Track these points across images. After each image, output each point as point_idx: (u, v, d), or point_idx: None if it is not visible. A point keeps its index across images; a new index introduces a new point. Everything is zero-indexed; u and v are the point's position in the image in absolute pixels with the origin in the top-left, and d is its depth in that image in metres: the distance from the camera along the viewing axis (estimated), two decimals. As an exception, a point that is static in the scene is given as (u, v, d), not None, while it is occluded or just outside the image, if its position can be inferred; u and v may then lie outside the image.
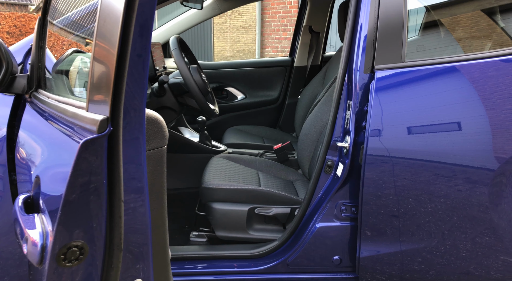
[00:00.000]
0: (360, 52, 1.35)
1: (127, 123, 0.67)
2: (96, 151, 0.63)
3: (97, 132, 0.63)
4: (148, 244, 0.73)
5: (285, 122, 2.99)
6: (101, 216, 0.65)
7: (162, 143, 0.77)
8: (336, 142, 1.43)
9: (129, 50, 0.63)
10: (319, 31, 2.81)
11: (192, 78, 1.61)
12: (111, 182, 0.65)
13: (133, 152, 0.68)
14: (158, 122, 0.83)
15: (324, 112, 1.90)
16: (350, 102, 1.39)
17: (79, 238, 0.64)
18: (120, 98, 0.64)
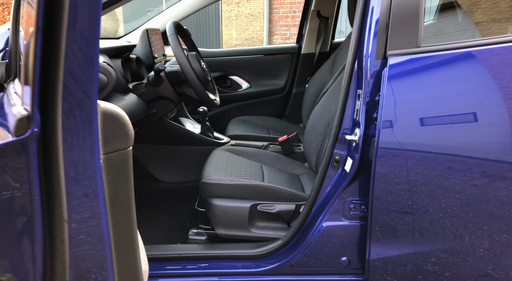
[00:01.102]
0: (371, 37, 1.23)
1: (71, 122, 0.54)
2: (17, 160, 0.50)
3: (14, 134, 0.50)
4: (107, 269, 0.61)
5: (292, 112, 2.87)
6: (35, 242, 0.52)
7: (125, 144, 0.64)
8: (345, 135, 1.32)
9: (64, 24, 0.49)
10: (327, 16, 2.67)
11: (190, 66, 1.51)
12: (49, 198, 0.52)
13: (82, 157, 0.55)
14: (119, 119, 0.67)
15: (332, 102, 1.79)
16: (360, 92, 1.27)
17: (4, 271, 0.51)
18: (55, 90, 0.51)
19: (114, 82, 1.33)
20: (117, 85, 1.48)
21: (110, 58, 1.54)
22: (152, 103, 1.66)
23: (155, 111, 1.68)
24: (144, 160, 1.98)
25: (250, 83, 2.85)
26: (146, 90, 1.63)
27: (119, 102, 1.45)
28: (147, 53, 1.90)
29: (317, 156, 1.84)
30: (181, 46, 1.51)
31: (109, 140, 0.59)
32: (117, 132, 0.61)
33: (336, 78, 1.98)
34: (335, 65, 2.39)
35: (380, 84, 1.21)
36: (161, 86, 1.62)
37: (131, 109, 1.47)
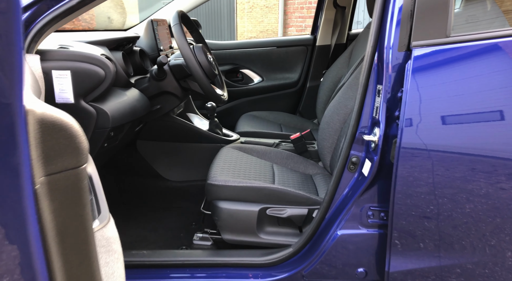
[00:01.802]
0: (393, 26, 1.10)
1: None
2: None
3: None
4: None
5: (306, 108, 2.75)
6: None
7: (76, 161, 0.47)
8: (362, 134, 1.20)
9: None
10: (344, 6, 2.52)
11: (195, 59, 1.40)
12: None
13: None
14: (65, 129, 0.48)
15: (349, 98, 1.66)
16: (380, 87, 1.14)
17: None
18: None
19: (112, 77, 1.23)
20: (117, 79, 1.38)
21: (110, 51, 1.44)
22: (155, 98, 1.57)
23: (159, 107, 1.58)
24: (150, 158, 1.90)
25: (262, 76, 2.73)
26: (149, 85, 1.53)
27: (120, 98, 1.35)
28: (152, 45, 1.79)
29: (331, 155, 1.72)
30: (185, 37, 1.40)
31: (51, 158, 0.44)
32: (63, 146, 0.45)
33: (354, 71, 1.86)
34: (352, 58, 2.26)
35: (403, 78, 1.09)
36: (164, 81, 1.52)
37: (132, 105, 1.37)
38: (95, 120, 1.25)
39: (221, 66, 2.68)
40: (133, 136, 1.68)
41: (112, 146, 1.40)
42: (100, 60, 1.22)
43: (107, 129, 1.26)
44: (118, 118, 1.30)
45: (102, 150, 1.34)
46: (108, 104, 1.28)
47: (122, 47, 1.56)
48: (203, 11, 9.65)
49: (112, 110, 1.27)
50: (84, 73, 1.21)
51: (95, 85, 1.23)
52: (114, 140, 1.37)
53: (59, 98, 1.21)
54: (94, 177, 0.82)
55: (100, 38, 1.42)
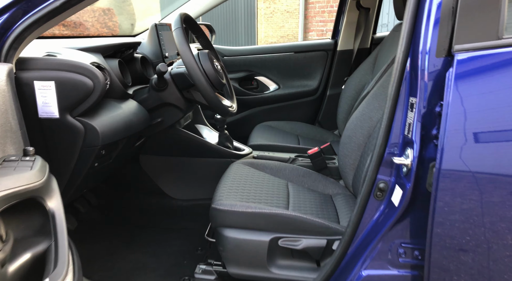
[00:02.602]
0: (430, 27, 0.91)
1: None
2: None
3: None
4: None
5: (326, 118, 2.55)
6: None
7: None
8: (392, 156, 1.00)
9: None
10: (368, 7, 2.32)
11: (198, 67, 1.23)
12: None
13: None
14: None
15: (374, 109, 1.47)
16: (414, 100, 0.95)
17: None
18: None
19: (102, 88, 1.08)
20: (111, 90, 1.23)
21: (105, 58, 1.30)
22: (155, 111, 1.41)
23: (160, 120, 1.43)
24: (153, 174, 1.74)
25: (279, 84, 2.55)
26: (148, 96, 1.37)
27: (113, 111, 1.20)
28: (156, 52, 1.65)
29: (354, 174, 1.53)
30: (187, 43, 1.24)
31: None
32: None
33: (379, 79, 1.66)
34: (377, 64, 2.05)
35: (443, 89, 0.89)
36: (165, 91, 1.37)
37: (127, 120, 1.22)
38: (82, 137, 1.10)
39: (235, 73, 2.51)
40: (133, 151, 1.53)
41: (106, 165, 1.25)
42: (88, 69, 1.08)
43: (97, 147, 1.11)
44: (110, 134, 1.14)
45: (92, 171, 1.19)
46: (99, 119, 1.13)
47: (121, 54, 1.42)
48: (219, 17, 9.60)
49: (103, 125, 1.12)
50: (70, 84, 1.06)
51: (82, 97, 1.08)
52: (106, 158, 1.22)
53: (42, 112, 1.07)
54: (58, 215, 0.66)
55: (93, 44, 1.28)
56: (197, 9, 2.18)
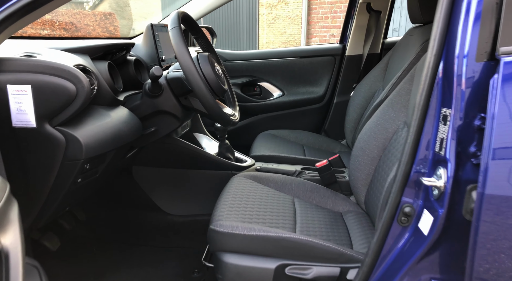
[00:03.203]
0: (469, 26, 0.77)
1: None
2: None
3: None
4: None
5: (333, 127, 2.41)
6: None
7: None
8: (420, 175, 0.86)
9: None
10: (380, 10, 2.19)
11: (197, 71, 1.10)
12: None
13: None
14: None
15: (390, 119, 1.34)
16: (448, 111, 0.81)
17: None
18: None
19: (86, 93, 0.95)
20: (99, 96, 1.10)
21: (94, 60, 1.16)
22: (149, 119, 1.27)
23: (154, 130, 1.29)
24: (147, 187, 1.60)
25: (283, 90, 2.42)
26: (141, 103, 1.24)
27: (100, 120, 1.06)
28: (151, 55, 1.51)
29: (367, 190, 1.39)
30: (184, 44, 1.11)
31: None
32: None
33: (394, 86, 1.53)
34: (389, 70, 1.93)
35: (484, 99, 0.75)
36: (160, 98, 1.23)
37: (116, 129, 1.08)
38: (63, 150, 0.96)
39: (237, 78, 2.38)
40: (124, 163, 1.39)
41: (91, 180, 1.11)
42: (71, 72, 0.94)
43: (80, 161, 0.97)
44: (96, 146, 1.00)
45: (75, 187, 1.05)
46: (83, 129, 0.99)
47: (112, 56, 1.28)
48: (221, 21, 9.54)
49: (88, 136, 0.98)
50: (50, 89, 0.93)
51: (63, 104, 0.94)
52: (91, 173, 1.08)
53: (17, 121, 0.93)
54: (13, 255, 0.51)
55: (80, 45, 1.14)
56: (198, 10, 2.06)
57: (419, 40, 1.63)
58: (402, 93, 1.36)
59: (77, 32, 15.04)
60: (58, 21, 14.13)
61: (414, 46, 1.66)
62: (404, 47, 1.81)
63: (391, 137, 1.35)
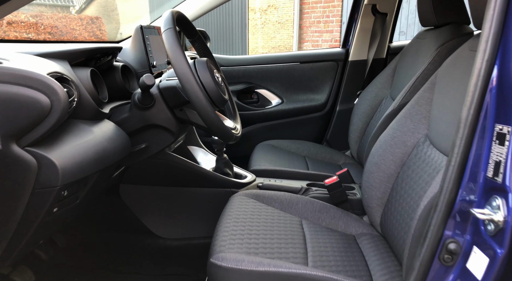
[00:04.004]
0: None
1: None
2: None
3: None
4: None
5: (335, 136, 2.27)
6: None
7: None
8: (468, 206, 0.72)
9: None
10: (386, 12, 2.06)
11: (195, 79, 0.94)
12: None
13: None
14: None
15: (409, 132, 1.21)
16: (507, 129, 0.67)
17: None
18: None
19: (63, 107, 0.78)
20: (80, 109, 0.93)
21: (74, 67, 0.99)
22: (139, 134, 1.11)
23: (144, 146, 1.12)
24: (136, 208, 1.43)
25: (282, 98, 2.27)
26: (129, 116, 1.07)
27: (81, 137, 0.89)
28: (141, 60, 1.35)
29: (383, 210, 1.26)
30: (180, 48, 0.95)
31: None
32: None
33: (410, 95, 1.40)
34: (397, 77, 1.80)
35: None
36: (152, 110, 1.07)
37: (100, 148, 0.91)
38: (34, 175, 0.79)
39: (233, 85, 2.23)
40: (109, 183, 1.22)
41: (70, 208, 0.94)
42: (43, 82, 0.77)
43: (55, 188, 0.81)
44: (75, 170, 0.84)
45: (50, 218, 0.88)
46: (59, 149, 0.82)
47: (96, 62, 1.12)
48: (214, 26, 9.42)
49: (65, 158, 0.82)
50: (18, 103, 0.76)
51: (35, 120, 0.78)
52: (70, 200, 0.91)
53: (-24, 141, 0.76)
54: None
55: (57, 49, 0.97)
56: (189, 13, 1.90)
57: (434, 44, 1.50)
58: (422, 102, 1.23)
59: (62, 36, 14.73)
60: (43, 25, 13.84)
61: (428, 51, 1.53)
62: (414, 52, 1.69)
63: (410, 151, 1.22)
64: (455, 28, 1.49)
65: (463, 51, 1.13)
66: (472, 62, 1.05)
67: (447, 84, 1.13)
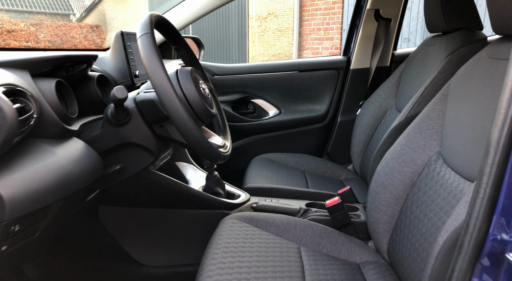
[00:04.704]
0: None
1: None
2: None
3: None
4: None
5: (336, 149, 2.14)
6: None
7: None
8: (501, 248, 0.59)
9: None
10: (390, 18, 1.95)
11: (174, 91, 0.82)
12: None
13: None
14: None
15: (419, 148, 1.10)
16: None
17: None
18: None
19: (10, 126, 0.65)
20: (41, 126, 0.80)
21: (37, 78, 0.87)
22: (113, 154, 0.97)
23: (119, 167, 0.99)
24: (117, 232, 1.29)
25: (280, 108, 2.15)
26: (102, 133, 0.94)
27: (39, 160, 0.76)
28: (122, 69, 1.22)
29: (391, 236, 1.14)
30: (157, 55, 0.83)
31: None
32: None
33: (419, 106, 1.28)
34: (403, 86, 1.68)
35: None
36: (128, 126, 0.93)
37: (62, 172, 0.78)
38: None
39: (227, 95, 2.10)
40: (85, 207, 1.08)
41: (25, 243, 0.80)
42: None
43: (1, 223, 0.67)
44: (28, 201, 0.70)
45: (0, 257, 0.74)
46: (8, 177, 0.69)
47: (66, 71, 0.99)
48: (210, 33, 9.38)
49: (15, 186, 0.68)
50: None
51: None
52: (25, 234, 0.78)
53: None
54: None
55: (14, 57, 0.85)
56: (185, 16, 1.78)
57: (443, 51, 1.38)
58: (433, 116, 1.10)
59: (62, 44, 14.66)
60: (43, 33, 13.76)
61: (437, 58, 1.41)
62: (421, 60, 1.57)
63: (421, 171, 1.09)
64: (466, 34, 1.37)
65: (480, 59, 1.00)
66: (492, 71, 0.92)
67: (462, 96, 1.01)
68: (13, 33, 13.31)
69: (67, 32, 14.11)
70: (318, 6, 6.78)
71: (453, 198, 0.87)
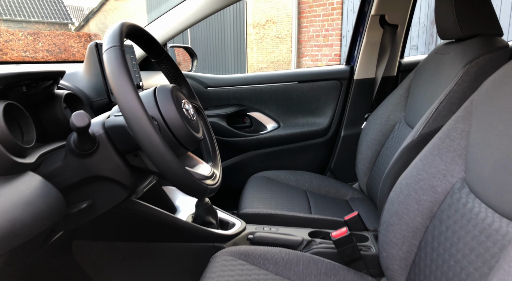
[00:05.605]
0: None
1: None
2: None
3: None
4: None
5: (340, 166, 1.99)
6: None
7: None
8: None
9: None
10: (396, 24, 1.80)
11: (146, 115, 0.67)
12: None
13: None
14: None
15: (439, 173, 0.96)
16: None
17: None
18: None
19: None
20: None
21: None
22: (78, 189, 0.82)
23: (86, 205, 0.83)
24: (93, 270, 1.13)
25: (278, 122, 2.00)
26: (64, 165, 0.78)
27: None
28: (96, 86, 1.07)
29: (408, 275, 0.99)
30: (126, 71, 0.68)
31: None
32: None
33: (436, 122, 1.14)
34: (413, 97, 1.53)
35: None
36: (95, 156, 0.78)
37: (5, 219, 0.63)
38: None
39: (222, 108, 1.96)
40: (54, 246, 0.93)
41: None
42: None
43: None
44: None
45: None
46: None
47: (28, 88, 0.84)
48: (206, 43, 9.32)
49: None
50: None
51: None
52: None
53: None
54: None
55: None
56: (178, 23, 1.65)
57: (460, 61, 1.23)
58: (455, 136, 0.95)
59: (60, 53, 14.61)
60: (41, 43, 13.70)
61: (452, 68, 1.26)
62: (433, 70, 1.42)
63: (442, 200, 0.94)
64: (486, 41, 1.22)
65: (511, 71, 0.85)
66: None
67: (491, 115, 0.85)
68: (11, 42, 13.27)
69: (65, 41, 14.10)
70: (316, 12, 6.69)
71: (487, 239, 0.72)
